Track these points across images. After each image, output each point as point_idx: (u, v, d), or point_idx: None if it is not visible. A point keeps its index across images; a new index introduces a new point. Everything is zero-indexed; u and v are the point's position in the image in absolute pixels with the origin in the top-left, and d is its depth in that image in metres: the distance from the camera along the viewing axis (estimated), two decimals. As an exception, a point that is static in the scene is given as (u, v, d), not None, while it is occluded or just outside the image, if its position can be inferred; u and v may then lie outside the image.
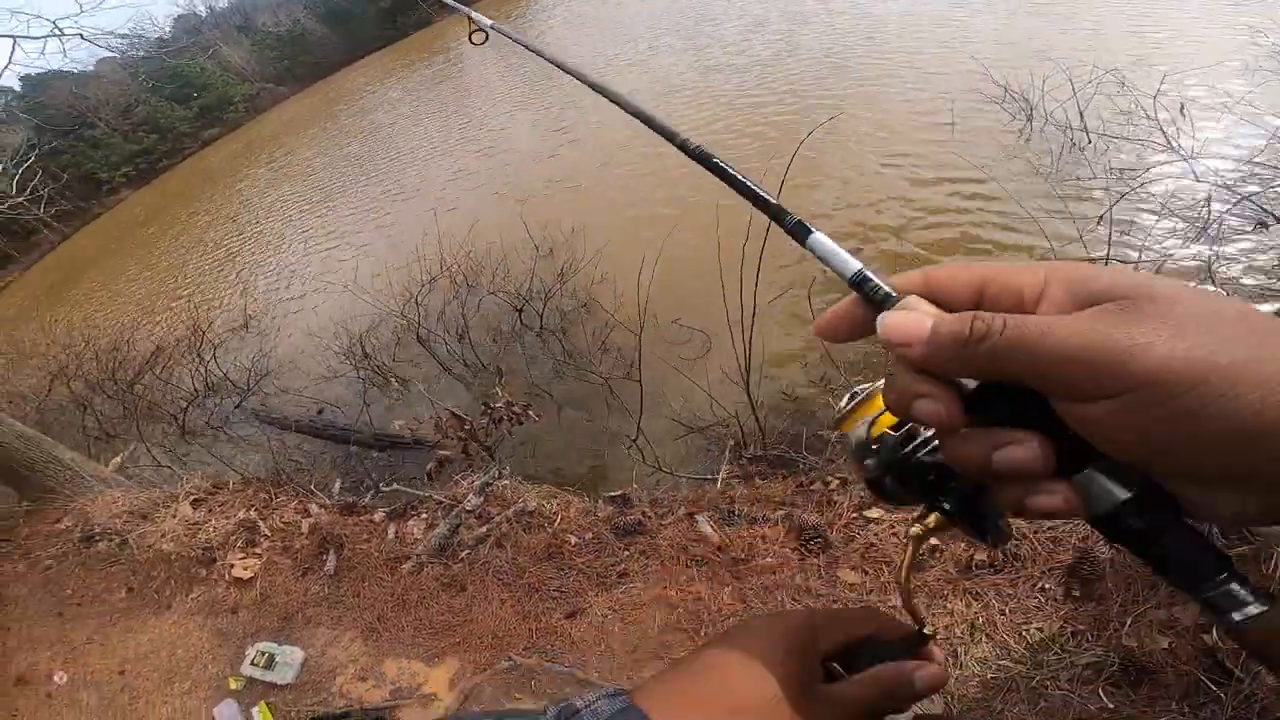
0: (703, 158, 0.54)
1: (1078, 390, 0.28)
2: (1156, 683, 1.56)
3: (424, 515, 3.24)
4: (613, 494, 2.86)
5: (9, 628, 3.36)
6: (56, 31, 6.69)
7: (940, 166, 6.06)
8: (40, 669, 3.06)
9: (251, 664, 2.72)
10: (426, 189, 11.62)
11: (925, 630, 0.46)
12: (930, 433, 0.39)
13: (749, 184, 0.47)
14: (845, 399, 0.45)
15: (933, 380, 0.32)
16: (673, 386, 3.63)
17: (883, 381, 0.37)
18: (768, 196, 0.46)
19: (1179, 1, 8.11)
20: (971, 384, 0.32)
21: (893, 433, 0.41)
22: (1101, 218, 4.41)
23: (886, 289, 0.36)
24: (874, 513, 2.50)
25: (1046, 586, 1.96)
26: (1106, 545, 1.88)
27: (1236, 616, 0.28)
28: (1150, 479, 0.29)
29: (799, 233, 0.43)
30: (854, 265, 0.38)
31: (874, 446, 0.42)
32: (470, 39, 1.40)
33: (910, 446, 0.40)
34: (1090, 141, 5.61)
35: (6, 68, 7.72)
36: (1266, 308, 3.43)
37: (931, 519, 0.42)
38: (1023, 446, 0.30)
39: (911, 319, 0.33)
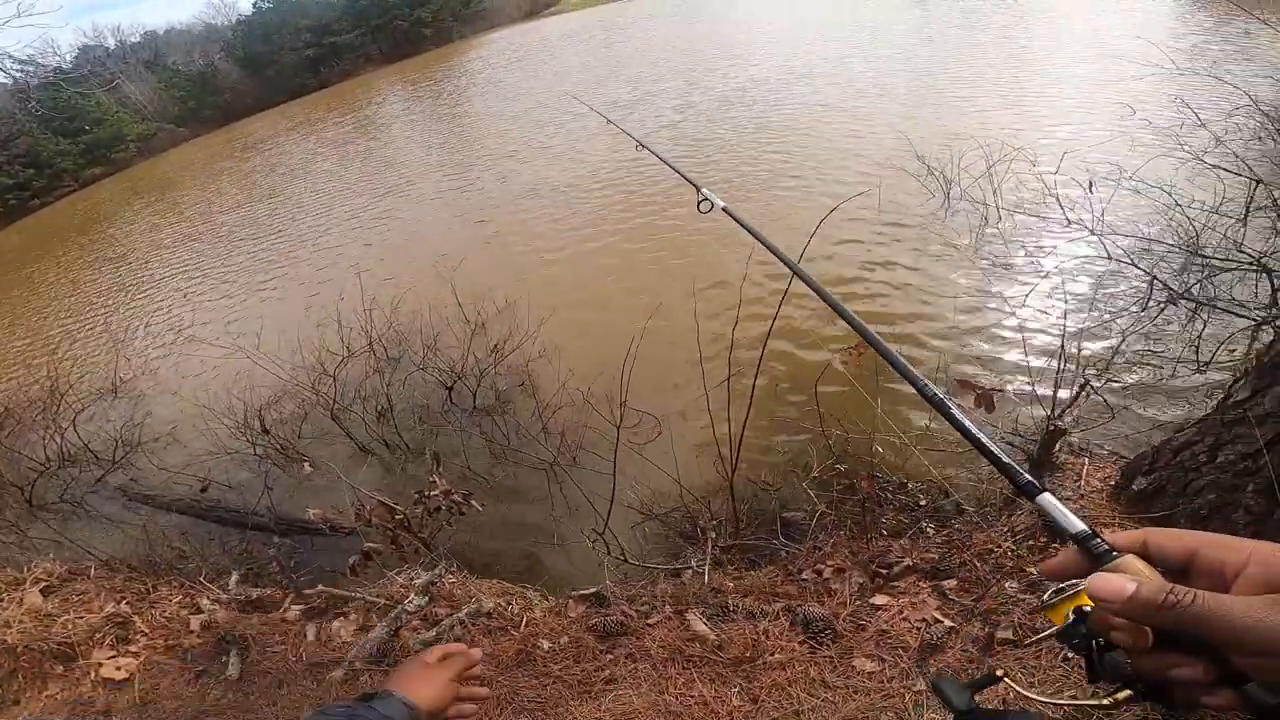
0: (942, 406, 0.72)
1: (1244, 650, 0.40)
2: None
3: (352, 615, 2.71)
4: (584, 591, 2.47)
5: None
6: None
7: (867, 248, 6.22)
8: None
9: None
10: (339, 251, 10.67)
11: None
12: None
13: (992, 448, 0.62)
14: (1050, 593, 0.51)
15: (1129, 623, 0.44)
16: (622, 472, 3.25)
17: (1083, 584, 0.48)
18: (1012, 462, 0.60)
19: (1047, 85, 9.18)
20: None
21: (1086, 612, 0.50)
22: (1024, 300, 4.67)
23: (1107, 546, 0.48)
24: (880, 599, 2.30)
25: (1070, 656, 1.84)
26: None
27: None
28: None
29: (1029, 491, 0.55)
30: (1079, 525, 0.50)
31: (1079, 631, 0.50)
32: (698, 207, 1.81)
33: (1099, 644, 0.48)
34: (1001, 218, 6.01)
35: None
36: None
37: (1123, 694, 0.48)
38: (1192, 668, 0.43)
39: (1115, 582, 0.44)
